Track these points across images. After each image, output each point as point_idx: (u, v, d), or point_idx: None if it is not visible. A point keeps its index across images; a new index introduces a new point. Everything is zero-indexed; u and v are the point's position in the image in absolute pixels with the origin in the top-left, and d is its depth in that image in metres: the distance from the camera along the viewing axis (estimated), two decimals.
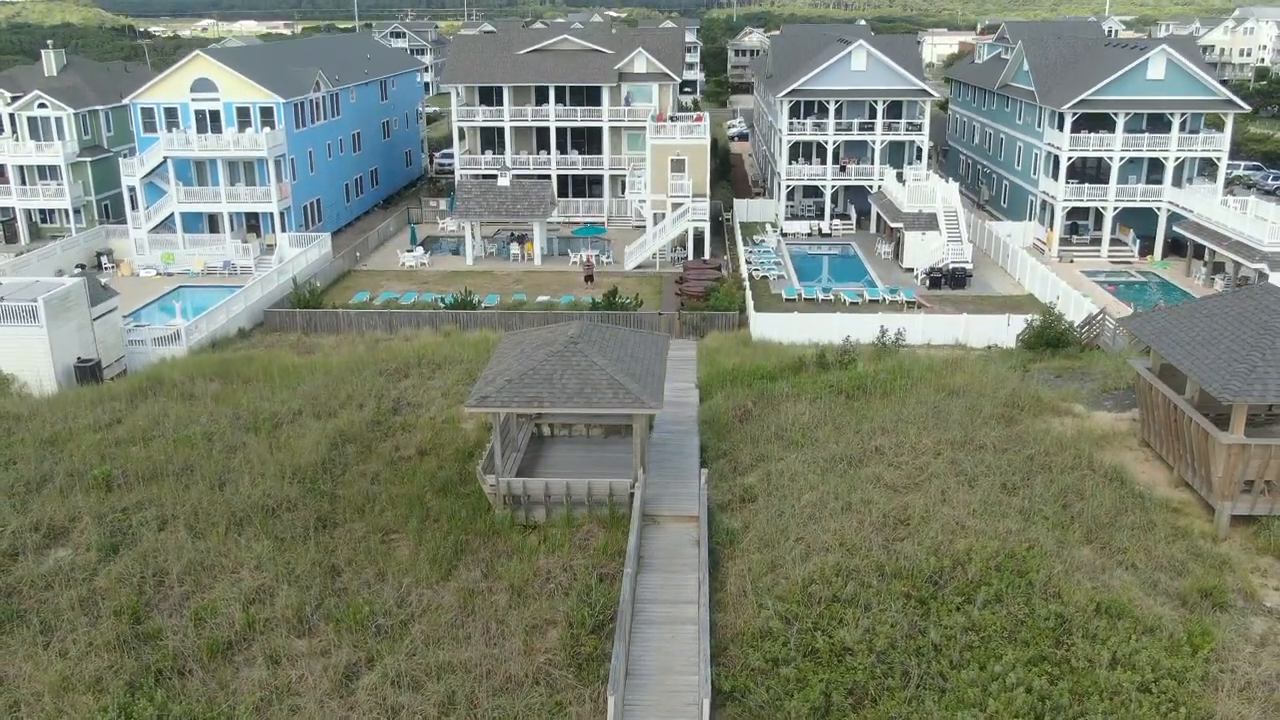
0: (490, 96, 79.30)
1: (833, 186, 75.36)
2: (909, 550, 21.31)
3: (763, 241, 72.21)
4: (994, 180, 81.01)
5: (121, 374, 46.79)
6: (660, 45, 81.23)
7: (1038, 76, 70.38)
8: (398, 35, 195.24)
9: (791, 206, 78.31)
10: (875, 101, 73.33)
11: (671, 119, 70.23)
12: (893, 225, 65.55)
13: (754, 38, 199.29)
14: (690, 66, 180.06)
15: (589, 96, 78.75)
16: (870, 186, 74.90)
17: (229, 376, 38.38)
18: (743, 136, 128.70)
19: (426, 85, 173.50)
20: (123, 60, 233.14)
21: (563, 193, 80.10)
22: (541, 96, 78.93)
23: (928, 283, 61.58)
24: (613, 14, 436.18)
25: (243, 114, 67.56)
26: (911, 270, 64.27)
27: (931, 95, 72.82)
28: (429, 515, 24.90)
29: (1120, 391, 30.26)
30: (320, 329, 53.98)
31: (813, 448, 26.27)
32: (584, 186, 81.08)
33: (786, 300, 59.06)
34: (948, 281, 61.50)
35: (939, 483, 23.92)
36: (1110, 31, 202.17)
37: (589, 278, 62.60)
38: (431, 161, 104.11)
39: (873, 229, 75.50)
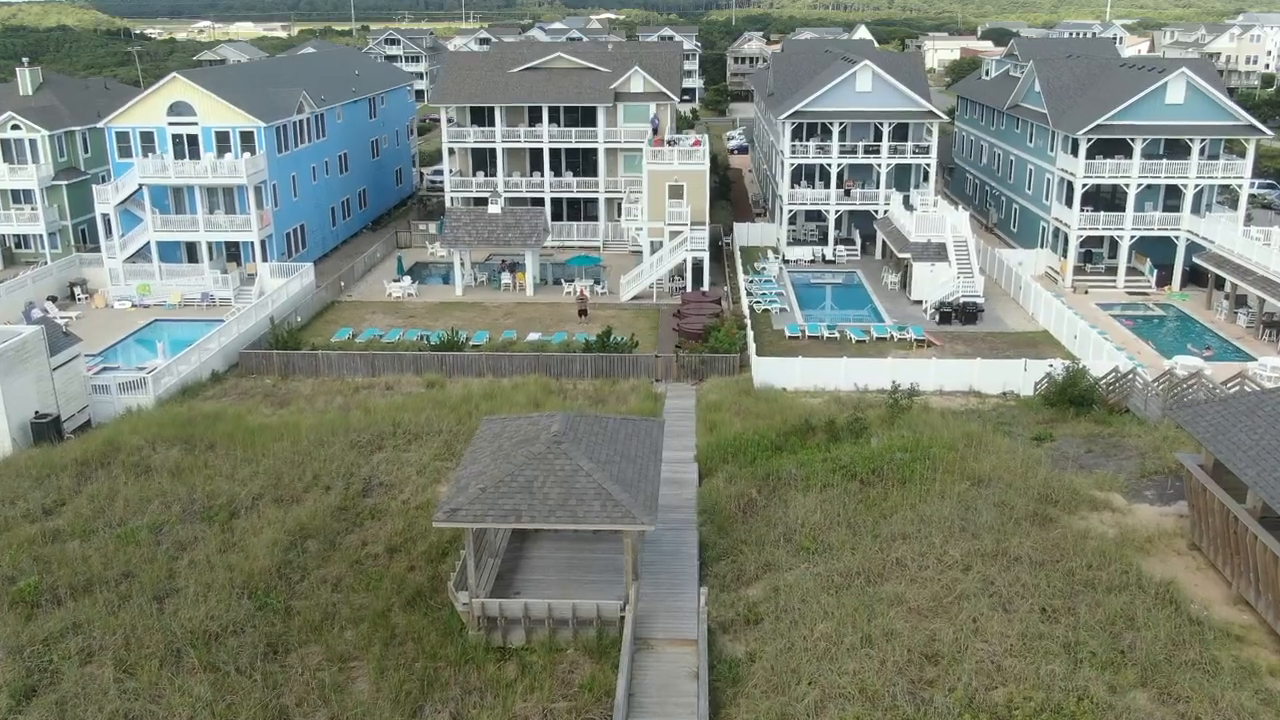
0: (482, 116, 76.47)
1: (837, 211, 72.54)
2: (940, 703, 18.50)
3: (764, 269, 69.41)
4: (1003, 203, 78.24)
5: (85, 426, 44.06)
6: (658, 63, 78.42)
7: (1050, 99, 67.57)
8: (392, 42, 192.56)
9: (793, 230, 75.55)
10: (881, 123, 70.52)
11: (669, 143, 67.41)
12: (900, 255, 62.77)
13: (753, 45, 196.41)
14: (688, 74, 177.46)
15: (584, 117, 75.95)
16: (875, 211, 72.10)
17: (192, 441, 35.61)
18: (742, 150, 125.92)
19: (420, 93, 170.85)
20: (114, 65, 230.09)
21: (556, 216, 77.32)
22: (535, 116, 76.12)
23: (937, 317, 58.78)
24: (610, 15, 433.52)
25: (222, 138, 64.72)
26: (920, 303, 61.47)
27: (940, 117, 70.03)
28: (394, 637, 22.10)
29: (1162, 478, 27.48)
30: (298, 371, 51.14)
31: (825, 556, 23.48)
32: (579, 210, 78.28)
33: (790, 337, 56.25)
34: (958, 316, 58.71)
35: (970, 606, 21.14)
36: (1116, 39, 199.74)
37: (583, 311, 59.79)
38: (422, 179, 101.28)
39: (878, 254, 72.74)
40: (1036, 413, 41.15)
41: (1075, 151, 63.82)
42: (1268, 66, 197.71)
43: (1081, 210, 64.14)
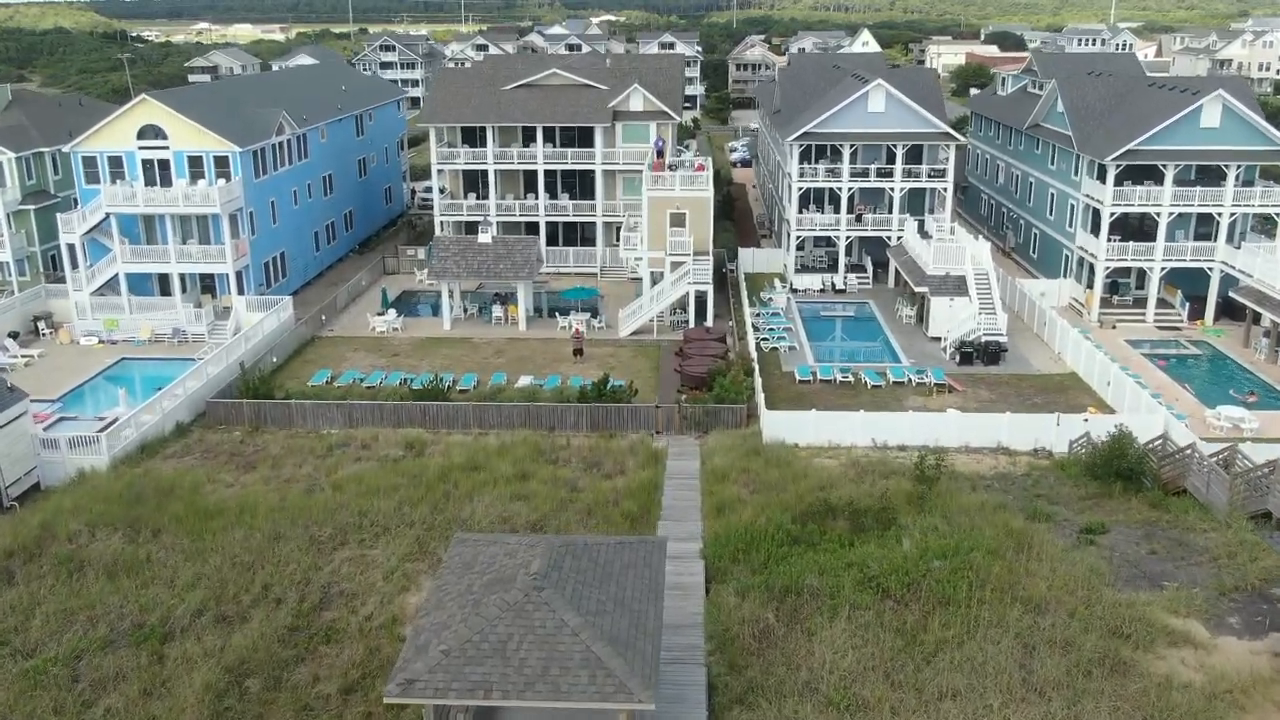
0: (473, 136, 72.61)
1: (847, 237, 68.65)
2: None
3: (770, 300, 65.52)
4: (1021, 227, 74.34)
5: (34, 489, 40.26)
6: (658, 79, 74.54)
7: (1075, 121, 63.67)
8: (387, 48, 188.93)
9: (801, 256, 71.65)
10: (895, 145, 66.63)
11: (670, 168, 63.53)
12: (917, 289, 58.87)
13: (756, 51, 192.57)
14: (689, 81, 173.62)
15: (581, 137, 72.10)
16: (889, 238, 68.22)
17: (138, 525, 31.73)
18: (745, 162, 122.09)
19: (415, 101, 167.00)
20: (106, 70, 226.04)
21: (552, 240, 73.45)
22: (529, 136, 72.27)
23: (958, 358, 54.91)
24: (610, 18, 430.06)
25: (195, 164, 60.87)
26: (938, 340, 57.59)
27: (957, 139, 66.15)
28: None
29: (1246, 598, 23.64)
30: (270, 422, 47.25)
31: (860, 717, 19.61)
32: (575, 234, 74.41)
33: (800, 381, 52.37)
34: (980, 356, 54.83)
35: None
36: (1125, 45, 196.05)
37: (578, 351, 55.92)
38: (414, 196, 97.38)
39: (891, 283, 68.86)
40: (1077, 482, 37.34)
41: (1103, 178, 59.94)
42: (1278, 72, 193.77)
43: (1109, 240, 60.24)
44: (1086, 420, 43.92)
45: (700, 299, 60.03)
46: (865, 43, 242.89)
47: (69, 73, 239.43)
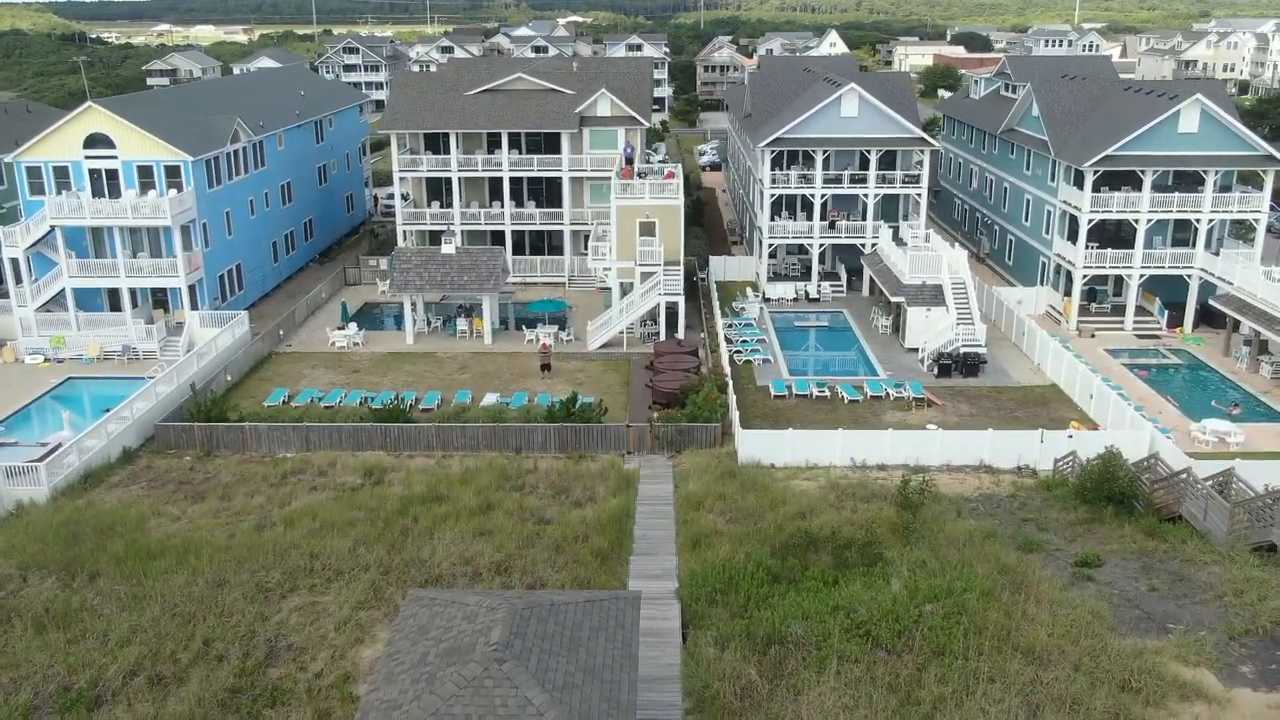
0: (436, 143, 70.55)
1: (821, 245, 67.17)
2: None
3: (743, 310, 63.94)
4: (996, 233, 73.21)
5: None
6: (626, 83, 72.80)
7: (1051, 125, 62.53)
8: (351, 50, 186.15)
9: (773, 264, 70.16)
10: (868, 151, 65.23)
11: (639, 176, 61.79)
12: (893, 299, 57.45)
13: (724, 53, 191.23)
14: (657, 83, 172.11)
15: (547, 143, 70.21)
16: (863, 245, 66.81)
17: (75, 566, 29.58)
18: (715, 166, 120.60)
19: (379, 104, 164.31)
20: (64, 73, 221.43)
21: (518, 249, 71.51)
22: (494, 143, 70.32)
23: (935, 370, 53.52)
24: (577, 19, 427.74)
25: (145, 174, 58.46)
26: (915, 350, 56.22)
27: (932, 144, 64.82)
28: None
29: (1259, 642, 22.21)
30: (223, 446, 45.07)
31: None
32: (542, 243, 72.52)
33: (775, 396, 50.77)
34: (958, 368, 53.48)
35: None
36: (1091, 46, 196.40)
37: (546, 366, 54.05)
38: (376, 203, 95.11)
39: (865, 291, 67.49)
40: (1065, 505, 35.93)
41: (1080, 184, 58.80)
42: (1241, 73, 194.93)
43: (1087, 247, 59.09)
44: (1071, 437, 42.62)
45: (671, 310, 58.33)
46: (833, 44, 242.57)
47: (24, 76, 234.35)
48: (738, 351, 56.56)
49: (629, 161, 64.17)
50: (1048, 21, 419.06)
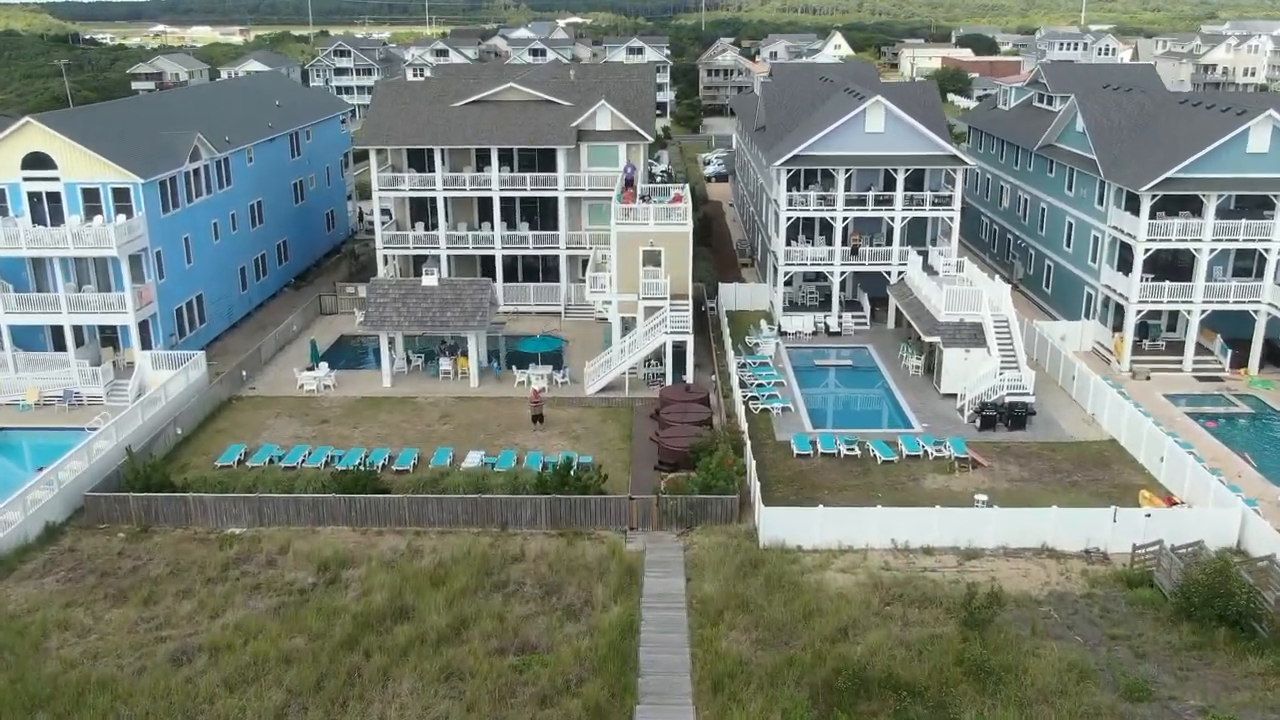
0: (421, 160, 64.46)
1: (842, 272, 61.02)
2: None
3: (757, 347, 57.80)
4: (1030, 257, 67.04)
5: None
6: (627, 93, 66.67)
7: (1099, 143, 56.39)
8: (342, 53, 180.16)
9: (789, 292, 64.03)
10: (895, 170, 59.09)
11: (643, 199, 55.64)
12: (926, 338, 51.27)
13: (728, 56, 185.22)
14: (660, 87, 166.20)
15: (542, 159, 64.12)
16: (888, 273, 60.65)
17: None
18: (721, 177, 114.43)
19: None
20: (52, 75, 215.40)
21: (510, 275, 65.44)
22: (484, 158, 64.21)
23: (978, 422, 47.38)
24: (577, 20, 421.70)
25: (91, 197, 52.39)
26: (953, 397, 50.13)
27: (965, 163, 58.65)
28: None
29: None
30: (162, 519, 38.98)
31: None
32: (537, 268, 66.40)
33: (798, 455, 44.62)
34: (1004, 420, 47.31)
35: None
36: (1108, 50, 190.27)
37: (538, 417, 47.90)
38: (361, 218, 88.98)
39: (890, 323, 61.37)
40: (1158, 614, 29.75)
41: (1135, 209, 52.70)
42: (1261, 76, 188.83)
43: (1142, 278, 52.96)
44: (1149, 516, 36.48)
45: (679, 350, 52.16)
46: (837, 46, 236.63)
47: (12, 78, 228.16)
48: (753, 398, 50.44)
49: (630, 184, 57.99)
50: (1052, 23, 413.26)
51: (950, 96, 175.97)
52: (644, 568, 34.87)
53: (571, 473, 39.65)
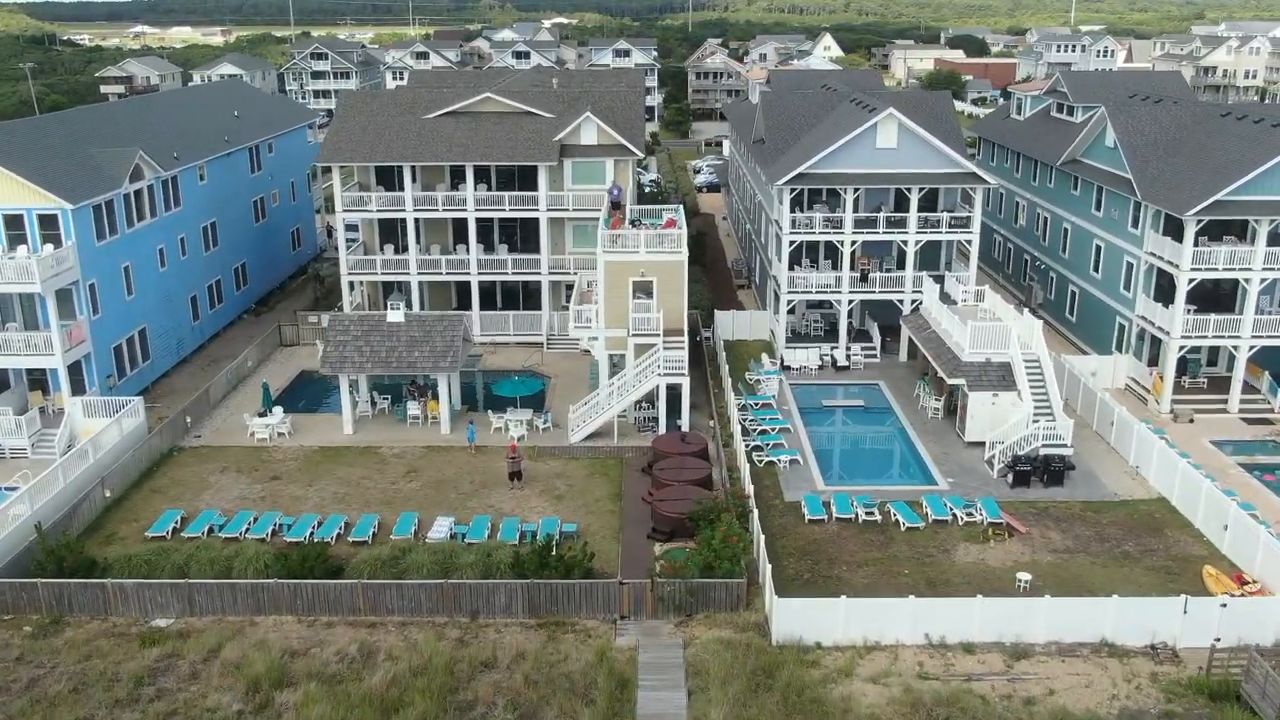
0: (391, 177, 59.03)
1: (850, 301, 55.81)
2: None
3: (759, 383, 52.54)
4: (1051, 281, 61.95)
5: None
6: (615, 104, 61.28)
7: (1133, 160, 51.31)
8: (319, 56, 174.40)
9: (791, 320, 58.83)
10: (908, 189, 53.92)
11: (633, 224, 50.31)
12: (950, 380, 46.04)
13: (717, 59, 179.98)
14: (648, 90, 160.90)
15: (522, 177, 58.76)
16: (900, 301, 55.47)
17: None
18: (713, 187, 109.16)
19: None
20: (20, 79, 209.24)
21: (488, 302, 60.07)
22: (459, 175, 58.83)
23: (1010, 478, 42.18)
24: (562, 20, 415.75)
25: (14, 224, 46.84)
26: (978, 445, 44.97)
27: (986, 182, 53.49)
28: None
29: None
30: (77, 609, 33.50)
31: None
32: (516, 294, 61.04)
33: (810, 520, 39.32)
34: (1039, 475, 42.12)
35: None
36: (1106, 52, 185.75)
37: (516, 475, 42.48)
38: (330, 235, 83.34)
39: (903, 355, 56.19)
40: None
41: (1177, 235, 47.64)
42: (1261, 79, 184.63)
43: (1186, 311, 47.90)
44: (1224, 606, 31.33)
45: (674, 393, 46.84)
46: (827, 47, 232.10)
47: None
48: (757, 447, 45.15)
49: (616, 206, 52.57)
50: (1040, 23, 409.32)
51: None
52: (637, 675, 29.52)
53: (553, 550, 34.31)
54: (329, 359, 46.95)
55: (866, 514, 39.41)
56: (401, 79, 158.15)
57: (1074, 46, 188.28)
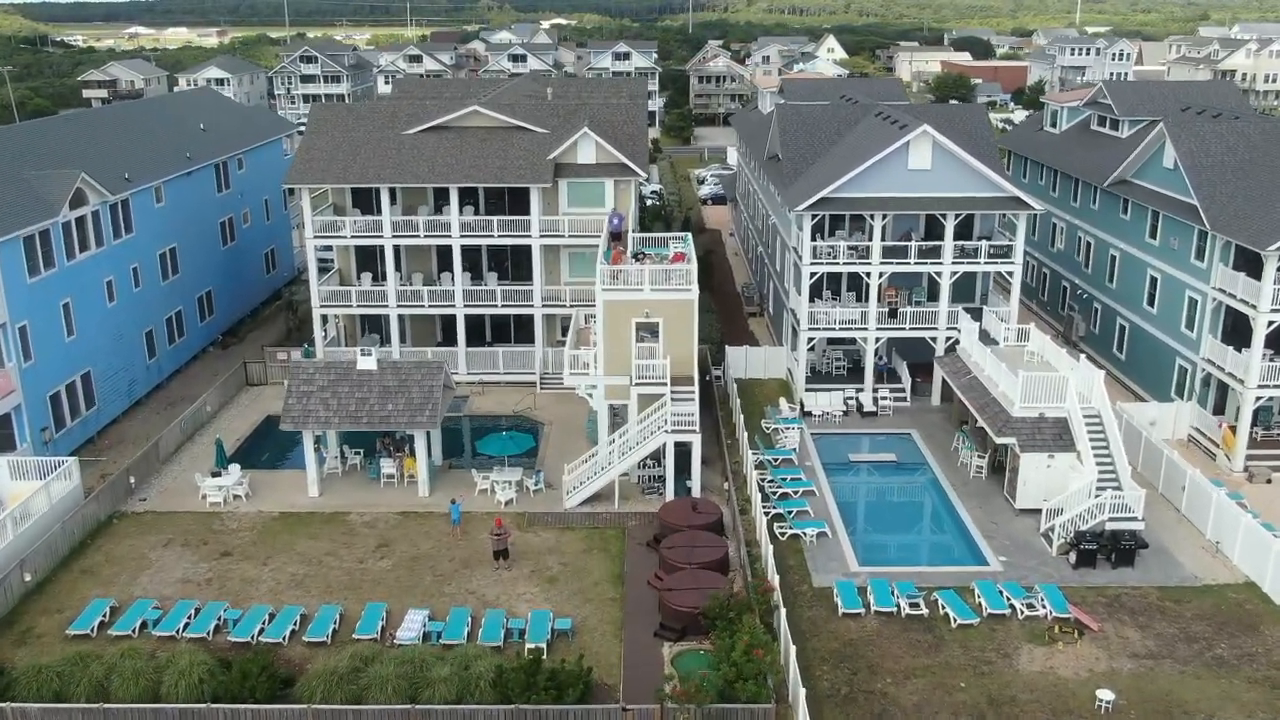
0: (367, 199, 53.43)
1: (878, 339, 50.16)
2: None
3: (777, 433, 46.92)
4: (1096, 312, 56.32)
5: None
6: (616, 118, 55.64)
7: (1199, 184, 45.66)
8: (309, 59, 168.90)
9: (811, 358, 53.17)
10: (943, 215, 48.26)
11: (635, 257, 44.63)
12: (998, 439, 40.31)
13: (720, 63, 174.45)
14: (650, 95, 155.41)
15: (512, 200, 53.17)
16: (933, 339, 49.80)
17: None
18: (718, 199, 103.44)
19: None
20: (9, 80, 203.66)
21: (476, 336, 54.48)
22: (442, 197, 53.23)
23: (1073, 557, 36.51)
24: (561, 21, 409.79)
25: None
26: (1032, 513, 39.31)
27: (1032, 208, 47.81)
28: None
29: None
30: None
31: None
32: (508, 328, 55.42)
33: (845, 614, 33.63)
34: (1106, 553, 36.44)
35: None
36: (1122, 55, 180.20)
37: (501, 553, 36.78)
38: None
39: (935, 397, 50.54)
40: None
41: (1253, 270, 41.97)
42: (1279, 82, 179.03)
43: (1265, 358, 42.24)
44: None
45: (683, 452, 41.14)
46: (831, 49, 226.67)
47: None
48: (778, 516, 39.47)
49: (617, 237, 46.82)
50: (1042, 24, 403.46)
51: (955, 104, 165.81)
52: None
53: (542, 668, 28.61)
54: (290, 413, 41.22)
55: (910, 606, 33.72)
56: (392, 81, 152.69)
57: (1087, 49, 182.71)
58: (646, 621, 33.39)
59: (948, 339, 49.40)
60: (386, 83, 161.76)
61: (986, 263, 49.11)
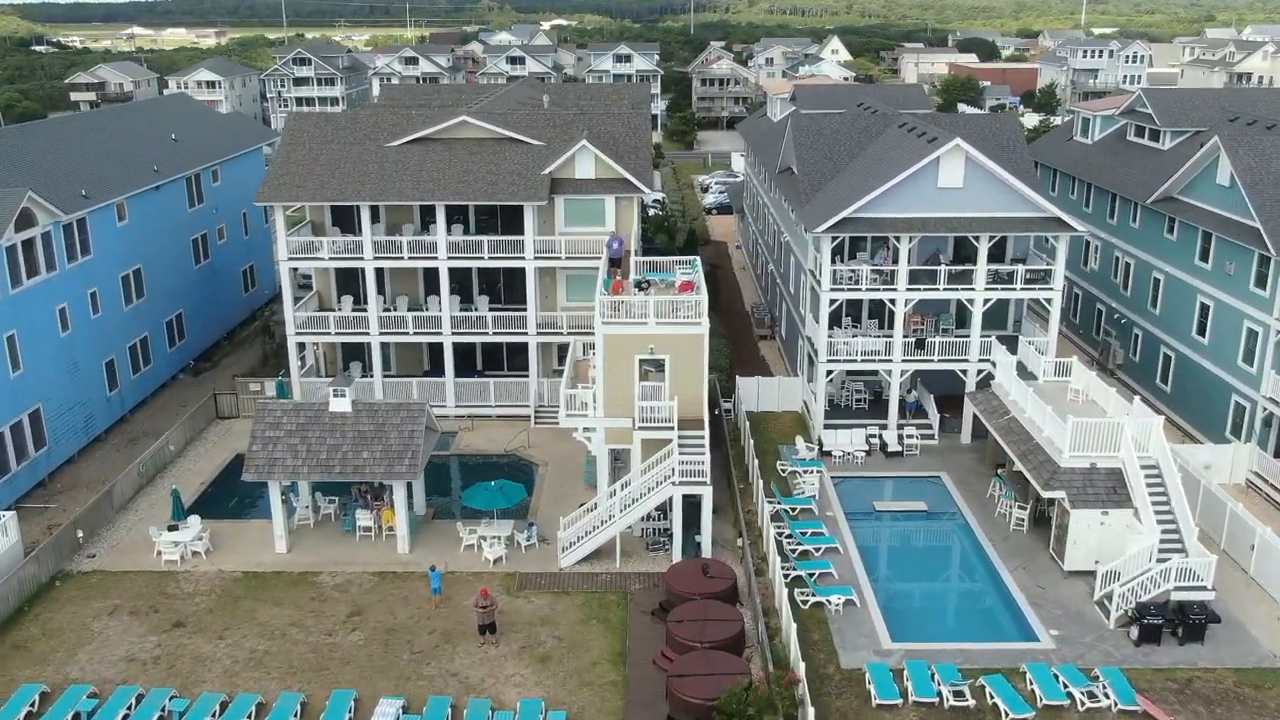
0: (348, 217, 49.22)
1: (904, 371, 45.89)
2: None
3: (795, 481, 42.58)
4: (1136, 339, 52.04)
5: None
6: (617, 129, 51.42)
7: (1261, 204, 41.39)
8: (301, 61, 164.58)
9: (830, 390, 48.88)
10: (975, 237, 43.98)
11: (638, 287, 40.33)
12: (1045, 493, 36.00)
13: (724, 65, 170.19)
14: (652, 98, 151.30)
15: (505, 218, 48.96)
16: (963, 371, 45.54)
17: None
18: (724, 208, 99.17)
19: None
20: (3, 81, 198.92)
21: (465, 366, 50.24)
22: (429, 214, 49.03)
23: (1135, 632, 32.21)
24: (561, 22, 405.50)
25: None
26: (1083, 575, 35.04)
27: (1074, 229, 43.51)
28: None
29: None
30: None
31: None
32: (500, 357, 51.21)
33: (880, 705, 29.34)
34: (1173, 628, 32.16)
35: None
36: (1137, 58, 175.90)
37: (488, 628, 32.51)
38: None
39: (966, 435, 46.28)
40: None
41: None
42: None
43: None
44: None
45: (692, 505, 36.87)
46: (835, 50, 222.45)
47: None
48: (799, 579, 35.20)
49: (615, 264, 42.45)
50: (1046, 25, 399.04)
51: (961, 108, 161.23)
52: None
53: None
54: (254, 461, 36.95)
55: (954, 695, 29.44)
56: (388, 83, 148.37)
57: (1100, 51, 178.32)
58: (651, 714, 29.15)
59: (979, 371, 45.13)
60: (381, 85, 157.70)
61: (1023, 288, 44.80)
